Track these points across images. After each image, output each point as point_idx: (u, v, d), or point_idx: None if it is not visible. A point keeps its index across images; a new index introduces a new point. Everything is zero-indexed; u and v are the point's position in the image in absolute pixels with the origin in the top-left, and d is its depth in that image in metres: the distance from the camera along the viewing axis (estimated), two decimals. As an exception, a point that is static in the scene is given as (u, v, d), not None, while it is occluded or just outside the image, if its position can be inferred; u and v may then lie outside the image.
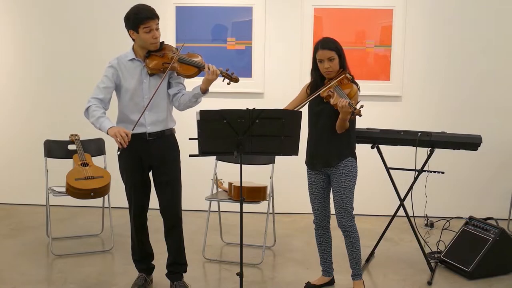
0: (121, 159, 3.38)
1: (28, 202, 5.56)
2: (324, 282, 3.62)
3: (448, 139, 3.87)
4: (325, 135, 3.33)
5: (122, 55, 3.36)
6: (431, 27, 5.22)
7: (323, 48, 3.29)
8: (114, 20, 5.31)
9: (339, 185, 3.35)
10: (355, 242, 3.42)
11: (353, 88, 3.26)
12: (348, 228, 3.39)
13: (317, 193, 3.48)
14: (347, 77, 3.31)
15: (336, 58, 3.29)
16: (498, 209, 5.05)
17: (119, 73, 3.32)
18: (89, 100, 3.27)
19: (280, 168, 4.49)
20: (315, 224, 3.55)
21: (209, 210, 4.21)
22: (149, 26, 3.21)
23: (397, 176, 4.04)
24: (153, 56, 3.31)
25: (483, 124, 5.11)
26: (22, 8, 5.44)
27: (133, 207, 3.44)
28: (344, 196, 3.35)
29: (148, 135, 3.32)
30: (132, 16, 3.23)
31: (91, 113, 3.23)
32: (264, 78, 5.27)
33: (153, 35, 3.24)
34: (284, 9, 5.25)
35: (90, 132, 4.61)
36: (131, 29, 3.26)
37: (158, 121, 3.34)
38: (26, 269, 3.89)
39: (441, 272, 3.94)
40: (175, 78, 3.40)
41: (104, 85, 3.29)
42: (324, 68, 3.30)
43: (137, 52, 3.33)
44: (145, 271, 3.57)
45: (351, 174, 3.35)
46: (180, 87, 3.39)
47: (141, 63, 3.32)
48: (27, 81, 5.52)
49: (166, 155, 3.38)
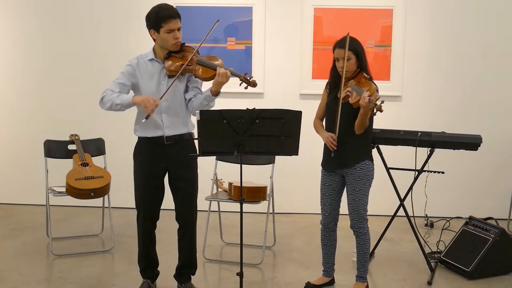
0: (137, 161, 3.35)
1: (28, 202, 5.56)
2: (324, 282, 3.62)
3: (448, 139, 3.87)
4: (343, 137, 3.31)
5: (143, 55, 3.32)
6: (431, 27, 5.22)
7: (340, 47, 3.28)
8: (115, 20, 5.34)
9: (353, 188, 3.34)
10: (363, 244, 3.42)
11: (372, 86, 3.22)
12: (359, 229, 3.39)
13: (329, 194, 3.46)
14: (365, 76, 3.28)
15: (353, 58, 3.26)
16: (498, 209, 5.06)
17: (136, 73, 3.27)
18: (104, 91, 3.23)
19: (280, 168, 4.49)
20: (322, 225, 3.54)
21: (209, 210, 4.21)
22: (170, 26, 3.15)
23: (397, 176, 4.04)
24: (173, 57, 3.25)
25: (483, 124, 5.12)
26: (22, 8, 5.44)
27: (142, 213, 3.37)
28: (357, 199, 3.34)
29: (166, 139, 3.27)
30: (154, 15, 3.16)
31: (107, 97, 3.18)
32: (264, 78, 5.27)
33: (174, 35, 3.18)
34: (284, 9, 5.26)
35: (90, 132, 4.63)
36: (152, 28, 3.20)
37: (176, 124, 3.29)
38: (26, 269, 3.89)
39: (441, 272, 3.94)
40: (192, 82, 3.33)
41: (120, 81, 3.26)
42: (339, 67, 3.29)
43: (157, 52, 3.28)
44: (150, 278, 3.51)
45: (366, 178, 3.34)
46: (196, 92, 3.33)
47: (160, 64, 3.27)
48: (27, 81, 5.52)
49: (184, 160, 3.32)
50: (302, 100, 5.24)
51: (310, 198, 5.31)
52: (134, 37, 5.25)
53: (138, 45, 5.01)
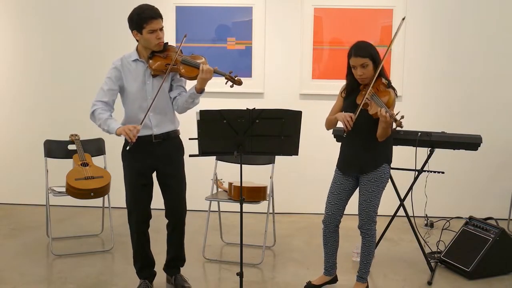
0: (125, 161, 3.37)
1: (28, 202, 5.56)
2: (325, 281, 3.60)
3: (448, 139, 3.87)
4: (362, 142, 3.29)
5: (126, 56, 3.33)
6: (431, 27, 5.22)
7: (356, 55, 3.22)
8: (114, 20, 5.34)
9: (366, 189, 3.32)
10: (369, 245, 3.41)
11: (391, 96, 3.19)
12: (367, 231, 3.38)
13: (338, 193, 3.44)
14: (383, 83, 3.24)
15: (370, 64, 3.21)
16: (498, 209, 5.05)
17: (122, 75, 3.30)
18: (94, 104, 3.27)
19: (280, 168, 4.49)
20: (324, 224, 3.51)
21: (209, 210, 4.21)
22: (152, 26, 3.18)
23: (397, 176, 4.04)
24: (157, 57, 3.28)
25: (483, 124, 5.12)
26: (22, 8, 5.44)
27: (135, 212, 3.39)
28: (369, 200, 3.32)
29: (154, 137, 3.31)
30: (136, 16, 3.19)
31: (97, 116, 3.23)
32: (264, 78, 5.27)
33: (157, 36, 3.21)
34: (284, 9, 5.26)
35: (90, 132, 4.61)
36: (135, 29, 3.23)
37: (163, 123, 3.34)
38: (26, 269, 3.89)
39: (441, 272, 3.94)
40: (177, 80, 3.37)
41: (107, 87, 3.28)
42: (357, 75, 3.25)
43: (141, 52, 3.31)
44: (147, 278, 3.53)
45: (381, 180, 3.32)
46: (180, 90, 3.38)
47: (144, 64, 3.30)
48: (27, 81, 5.52)
49: (172, 156, 3.38)
50: (302, 100, 5.24)
51: (310, 198, 5.33)
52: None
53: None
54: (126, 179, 3.40)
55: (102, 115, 3.22)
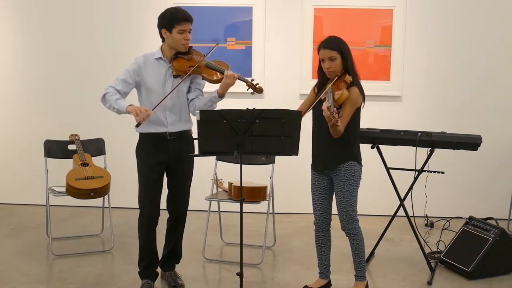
0: (139, 157, 3.44)
1: (28, 202, 5.56)
2: (321, 285, 3.57)
3: (448, 139, 3.87)
4: (325, 138, 3.30)
5: (149, 53, 3.43)
6: (431, 27, 5.22)
7: (325, 47, 3.25)
8: (114, 20, 5.34)
9: (339, 189, 3.34)
10: (356, 244, 3.41)
11: (343, 94, 3.16)
12: (349, 230, 3.38)
13: (319, 193, 3.47)
14: (345, 80, 3.22)
15: (338, 58, 3.22)
16: (498, 209, 5.05)
17: (142, 71, 3.37)
18: (107, 88, 3.33)
19: (280, 168, 4.49)
20: (315, 225, 3.53)
21: (209, 210, 4.21)
22: (183, 27, 3.28)
23: (397, 176, 4.04)
24: (180, 58, 3.38)
25: (483, 124, 5.12)
26: (22, 8, 5.44)
27: (148, 206, 3.42)
28: (344, 200, 3.33)
29: (169, 135, 3.39)
30: (169, 15, 3.30)
31: (108, 98, 3.29)
32: (264, 78, 5.27)
33: (185, 37, 3.32)
34: (284, 9, 5.26)
35: (90, 132, 4.63)
36: (165, 27, 3.32)
37: (179, 122, 3.42)
38: (26, 269, 3.89)
39: (441, 272, 3.94)
40: (196, 83, 3.48)
41: (123, 77, 3.36)
42: (325, 67, 3.27)
43: (165, 52, 3.39)
44: (151, 278, 3.52)
45: (352, 179, 3.31)
46: (198, 93, 3.48)
47: (166, 64, 3.38)
48: (27, 81, 5.52)
49: (184, 154, 3.44)
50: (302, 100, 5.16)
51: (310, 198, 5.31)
52: (134, 38, 5.26)
53: (138, 46, 5.04)
54: (140, 174, 3.44)
55: (113, 96, 3.28)
